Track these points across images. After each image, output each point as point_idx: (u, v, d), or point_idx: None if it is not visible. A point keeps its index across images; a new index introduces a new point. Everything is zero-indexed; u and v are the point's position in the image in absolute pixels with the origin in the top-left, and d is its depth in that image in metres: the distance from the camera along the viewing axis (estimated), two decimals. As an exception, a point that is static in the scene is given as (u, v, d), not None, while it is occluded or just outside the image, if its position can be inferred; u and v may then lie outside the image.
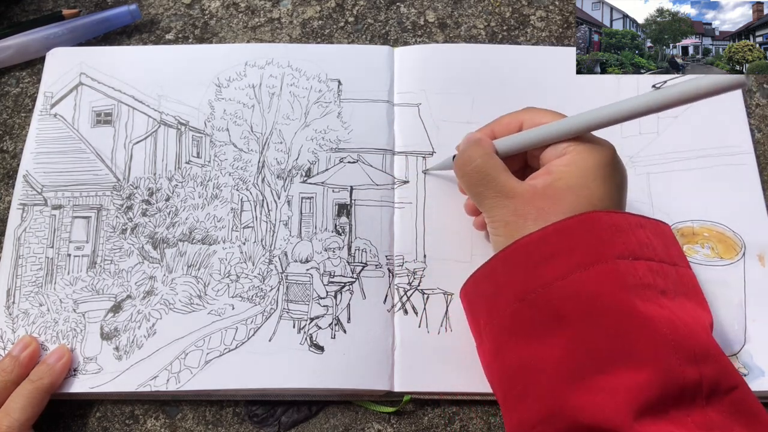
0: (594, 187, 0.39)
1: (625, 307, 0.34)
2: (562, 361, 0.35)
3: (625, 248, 0.36)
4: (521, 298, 0.37)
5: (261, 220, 0.53)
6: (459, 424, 0.47)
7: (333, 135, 0.55)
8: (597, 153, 0.40)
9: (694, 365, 0.33)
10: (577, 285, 0.36)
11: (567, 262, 0.36)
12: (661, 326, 0.34)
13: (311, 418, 0.48)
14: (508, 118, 0.45)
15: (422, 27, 0.62)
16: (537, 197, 0.39)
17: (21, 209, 0.52)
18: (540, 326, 0.36)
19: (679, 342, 0.34)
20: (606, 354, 0.34)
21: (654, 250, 0.37)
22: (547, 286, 0.36)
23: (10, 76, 0.60)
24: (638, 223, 0.38)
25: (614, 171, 0.40)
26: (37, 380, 0.45)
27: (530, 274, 0.37)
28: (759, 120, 0.57)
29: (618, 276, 0.35)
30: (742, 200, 0.53)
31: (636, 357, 0.33)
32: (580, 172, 0.39)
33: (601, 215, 0.37)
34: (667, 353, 0.33)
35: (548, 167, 0.41)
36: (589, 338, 0.35)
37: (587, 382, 0.34)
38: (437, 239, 0.51)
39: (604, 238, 0.36)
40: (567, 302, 0.36)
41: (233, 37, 0.61)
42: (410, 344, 0.48)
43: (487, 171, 0.42)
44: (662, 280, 0.36)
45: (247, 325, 0.49)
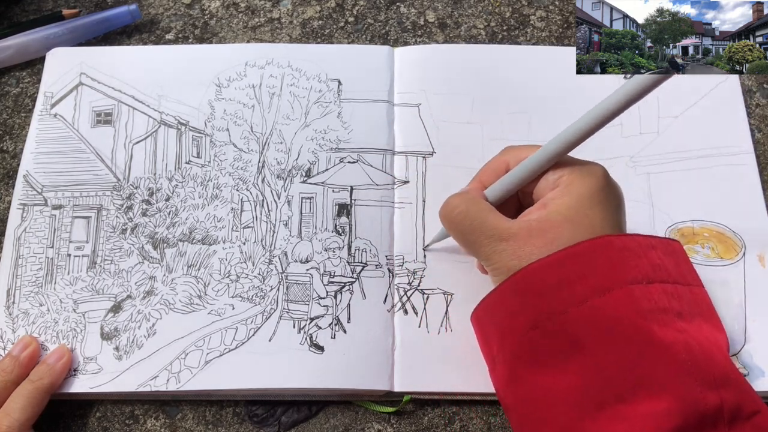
0: (592, 215, 0.38)
1: (643, 333, 0.34)
2: (580, 389, 0.34)
3: (638, 272, 0.35)
4: (534, 326, 0.36)
5: (261, 220, 0.53)
6: (459, 424, 0.47)
7: (333, 135, 0.55)
8: (589, 178, 0.39)
9: (715, 390, 0.32)
10: (593, 312, 0.35)
11: (582, 288, 0.35)
12: (680, 352, 0.33)
13: (311, 418, 0.48)
14: (492, 164, 0.43)
15: (422, 27, 0.62)
16: (534, 234, 0.38)
17: (21, 209, 0.52)
18: (556, 354, 0.35)
19: (699, 367, 0.33)
20: (625, 382, 0.33)
21: (667, 271, 0.36)
22: (562, 313, 0.35)
23: (10, 76, 0.60)
24: (649, 245, 0.37)
25: (609, 194, 0.39)
26: (37, 380, 0.45)
27: (543, 301, 0.36)
28: (759, 120, 0.57)
29: (634, 301, 0.34)
30: (742, 200, 0.53)
31: (656, 384, 0.33)
32: (576, 201, 0.38)
33: (613, 239, 0.36)
34: (686, 380, 0.32)
35: (542, 201, 0.39)
36: (608, 366, 0.34)
37: (607, 412, 0.33)
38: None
39: (617, 263, 0.35)
40: (583, 329, 0.35)
41: (233, 37, 0.61)
42: (410, 344, 0.48)
43: (474, 215, 0.40)
44: (677, 303, 0.35)
45: (247, 325, 0.49)
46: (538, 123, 0.55)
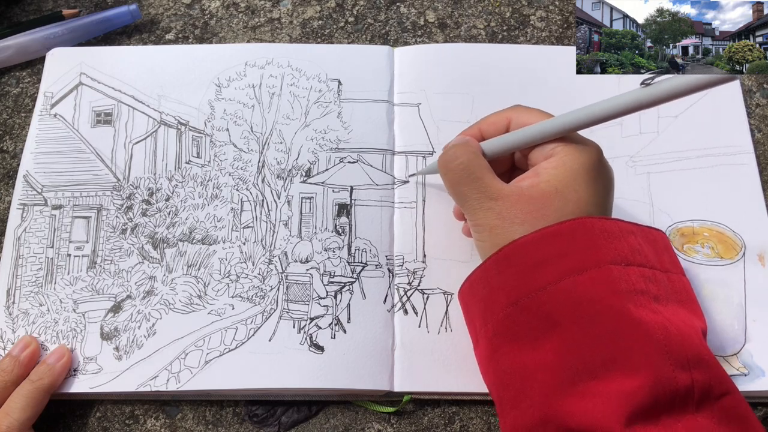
0: (581, 191, 0.38)
1: (618, 311, 0.34)
2: (555, 366, 0.35)
3: (617, 254, 0.36)
4: (514, 302, 0.37)
5: (261, 220, 0.53)
6: (459, 424, 0.47)
7: (333, 135, 0.55)
8: (584, 154, 0.39)
9: (687, 371, 0.33)
10: (570, 289, 0.36)
11: (560, 266, 0.36)
12: (654, 331, 0.34)
13: (311, 418, 0.48)
14: (495, 117, 0.44)
15: (422, 27, 0.62)
16: (523, 200, 0.39)
17: (21, 209, 0.52)
18: (533, 331, 0.36)
19: (672, 347, 0.33)
20: (599, 359, 0.34)
21: (645, 256, 0.37)
22: (540, 291, 0.36)
23: (10, 76, 0.60)
24: (629, 230, 0.38)
25: (601, 173, 0.40)
26: (37, 380, 0.45)
27: (523, 278, 0.37)
28: (759, 120, 0.57)
29: (611, 281, 0.35)
30: (742, 200, 0.53)
31: (629, 362, 0.33)
32: (568, 174, 0.39)
33: (594, 221, 0.37)
34: (659, 359, 0.33)
35: (536, 169, 0.40)
36: (582, 343, 0.34)
37: (580, 388, 0.34)
38: (437, 239, 0.51)
39: (597, 244, 0.36)
40: (560, 307, 0.35)
41: (233, 37, 0.61)
42: (410, 344, 0.48)
43: (472, 170, 0.41)
44: (654, 287, 0.36)
45: (247, 325, 0.49)
46: (538, 123, 0.55)
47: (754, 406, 0.48)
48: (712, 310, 0.49)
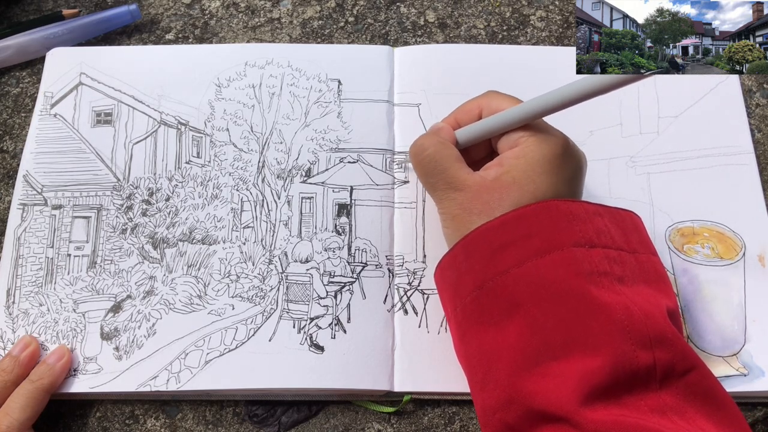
0: (539, 182, 0.39)
1: (579, 293, 0.35)
2: (518, 347, 0.35)
3: (581, 236, 0.36)
4: (480, 286, 0.38)
5: (261, 220, 0.53)
6: (459, 424, 0.47)
7: (333, 135, 0.55)
8: (546, 145, 0.40)
9: (649, 350, 0.33)
10: (532, 272, 0.36)
11: (524, 249, 0.37)
12: (616, 312, 0.34)
13: (311, 418, 0.48)
14: (469, 105, 0.45)
15: (422, 27, 0.62)
16: (484, 191, 0.39)
17: (21, 209, 0.52)
18: (497, 313, 0.37)
19: (634, 327, 0.34)
20: (560, 340, 0.34)
21: (612, 237, 0.38)
22: (504, 274, 0.37)
23: (10, 76, 0.60)
24: (596, 212, 0.38)
25: (564, 162, 0.40)
26: (37, 380, 0.45)
27: (488, 262, 0.38)
28: (759, 120, 0.57)
29: (573, 263, 0.35)
30: (742, 200, 0.53)
31: (589, 343, 0.34)
32: (528, 165, 0.39)
33: (559, 203, 0.37)
34: (620, 338, 0.33)
35: (500, 159, 0.41)
36: (544, 325, 0.35)
37: (541, 368, 0.34)
38: (437, 239, 0.51)
39: (561, 226, 0.37)
40: (522, 289, 0.36)
41: (233, 37, 0.61)
42: (410, 344, 0.48)
43: (439, 160, 0.42)
44: (619, 268, 0.36)
45: (247, 325, 0.49)
46: (538, 123, 0.55)
47: (754, 405, 0.48)
48: (712, 310, 0.49)
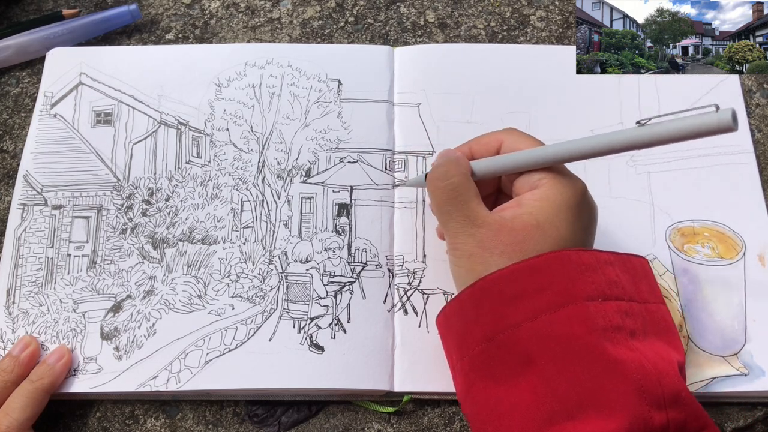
0: (562, 227, 0.38)
1: (594, 350, 0.34)
2: (532, 406, 0.34)
3: (594, 288, 0.36)
4: (490, 338, 0.36)
5: (261, 220, 0.53)
6: (459, 424, 0.47)
7: (333, 135, 0.55)
8: (568, 190, 0.39)
9: (663, 410, 0.33)
10: (546, 327, 0.35)
11: (536, 302, 0.35)
12: (630, 371, 0.33)
13: (311, 418, 0.48)
14: (488, 138, 0.43)
15: (422, 27, 0.62)
16: (504, 231, 0.38)
17: (21, 209, 0.52)
18: (509, 368, 0.36)
19: (648, 386, 0.33)
20: (575, 399, 0.33)
21: (623, 288, 0.37)
22: (516, 327, 0.35)
23: (10, 76, 0.60)
24: (607, 260, 0.37)
25: (583, 210, 0.39)
26: (36, 380, 0.45)
27: (499, 313, 0.36)
28: (759, 120, 0.57)
29: (588, 318, 0.35)
30: (742, 200, 0.53)
31: (604, 403, 0.33)
32: (551, 208, 0.38)
33: (571, 254, 0.36)
34: (635, 399, 0.33)
35: (519, 199, 0.40)
36: (558, 383, 0.34)
37: (556, 429, 0.33)
38: (437, 239, 0.51)
39: (574, 278, 0.36)
40: (536, 344, 0.35)
41: (233, 37, 0.61)
42: (410, 344, 0.48)
43: (461, 191, 0.40)
44: (631, 321, 0.36)
45: (247, 325, 0.49)
46: (537, 123, 0.55)
47: (755, 405, 0.48)
48: (712, 310, 0.49)
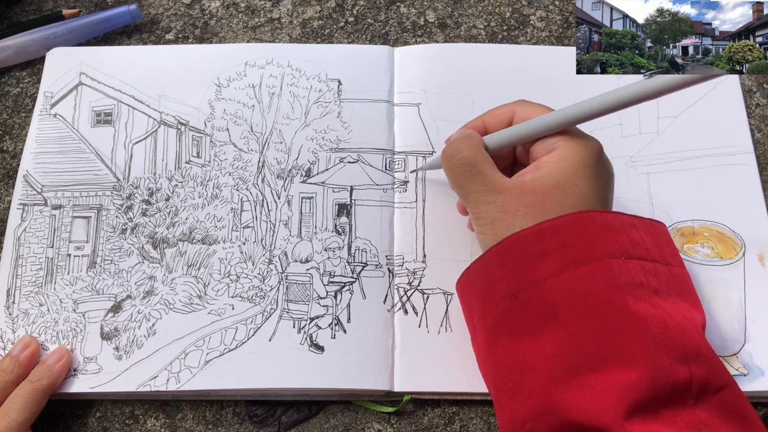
0: (582, 185, 0.39)
1: (617, 305, 0.34)
2: (554, 358, 0.35)
3: (617, 247, 0.36)
4: (513, 294, 0.37)
5: (261, 220, 0.53)
6: (459, 424, 0.47)
7: (333, 135, 0.55)
8: (585, 149, 0.40)
9: (685, 365, 0.33)
10: (569, 283, 0.36)
11: (560, 259, 0.36)
12: (653, 325, 0.34)
13: (311, 418, 0.48)
14: (499, 111, 0.44)
15: (422, 27, 0.62)
16: (525, 193, 0.39)
17: (21, 209, 0.52)
18: (532, 323, 0.36)
19: (671, 341, 0.34)
20: (597, 352, 0.34)
21: (647, 249, 0.37)
22: (540, 283, 0.36)
23: (10, 76, 0.60)
24: (631, 223, 0.38)
25: (601, 168, 0.40)
26: (36, 381, 0.45)
27: (523, 271, 0.37)
28: (759, 120, 0.57)
29: (611, 274, 0.35)
30: (742, 200, 0.53)
31: (627, 356, 0.33)
32: (569, 168, 0.39)
33: (594, 215, 0.37)
34: (658, 352, 0.33)
35: (537, 163, 0.40)
36: (581, 336, 0.35)
37: (579, 380, 0.34)
38: (437, 239, 0.51)
39: (598, 237, 0.36)
40: (559, 299, 0.36)
41: (233, 37, 0.61)
42: (410, 344, 0.48)
43: (475, 163, 0.41)
44: (654, 280, 0.36)
45: (247, 325, 0.49)
46: (538, 123, 0.55)
47: (755, 406, 0.47)
48: (712, 310, 0.49)
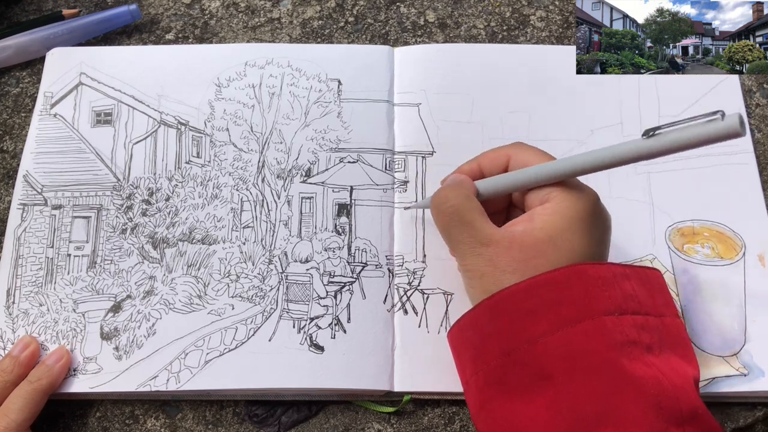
0: (575, 240, 0.37)
1: (612, 367, 0.34)
2: (549, 422, 0.34)
3: (611, 303, 0.35)
4: (507, 353, 0.36)
5: (261, 220, 0.53)
6: (459, 424, 0.47)
7: (333, 135, 0.55)
8: (580, 202, 0.38)
9: (680, 427, 0.33)
10: (564, 342, 0.35)
11: (554, 317, 0.35)
12: (648, 387, 0.33)
13: (311, 418, 0.48)
14: (495, 153, 0.43)
15: (422, 27, 0.62)
16: (515, 247, 0.38)
17: (21, 209, 0.52)
18: (526, 384, 0.35)
19: (665, 403, 0.33)
20: (592, 415, 0.33)
21: (639, 302, 0.37)
22: (534, 342, 0.35)
23: (10, 76, 0.60)
24: (623, 274, 0.37)
25: (596, 222, 0.39)
26: (35, 381, 0.45)
27: (516, 327, 0.36)
28: (759, 120, 0.57)
29: (605, 333, 0.34)
30: (742, 200, 0.53)
31: (623, 420, 0.33)
32: (563, 222, 0.38)
33: (587, 268, 0.36)
34: (652, 416, 0.33)
35: (530, 214, 0.39)
36: (576, 399, 0.34)
37: None
38: (437, 239, 0.51)
39: (591, 293, 0.36)
40: (553, 360, 0.35)
41: (233, 37, 0.61)
42: (410, 344, 0.48)
43: (463, 213, 0.40)
44: (647, 335, 0.36)
45: (247, 325, 0.49)
46: (537, 122, 0.55)
47: (754, 405, 0.47)
48: (712, 310, 0.49)
